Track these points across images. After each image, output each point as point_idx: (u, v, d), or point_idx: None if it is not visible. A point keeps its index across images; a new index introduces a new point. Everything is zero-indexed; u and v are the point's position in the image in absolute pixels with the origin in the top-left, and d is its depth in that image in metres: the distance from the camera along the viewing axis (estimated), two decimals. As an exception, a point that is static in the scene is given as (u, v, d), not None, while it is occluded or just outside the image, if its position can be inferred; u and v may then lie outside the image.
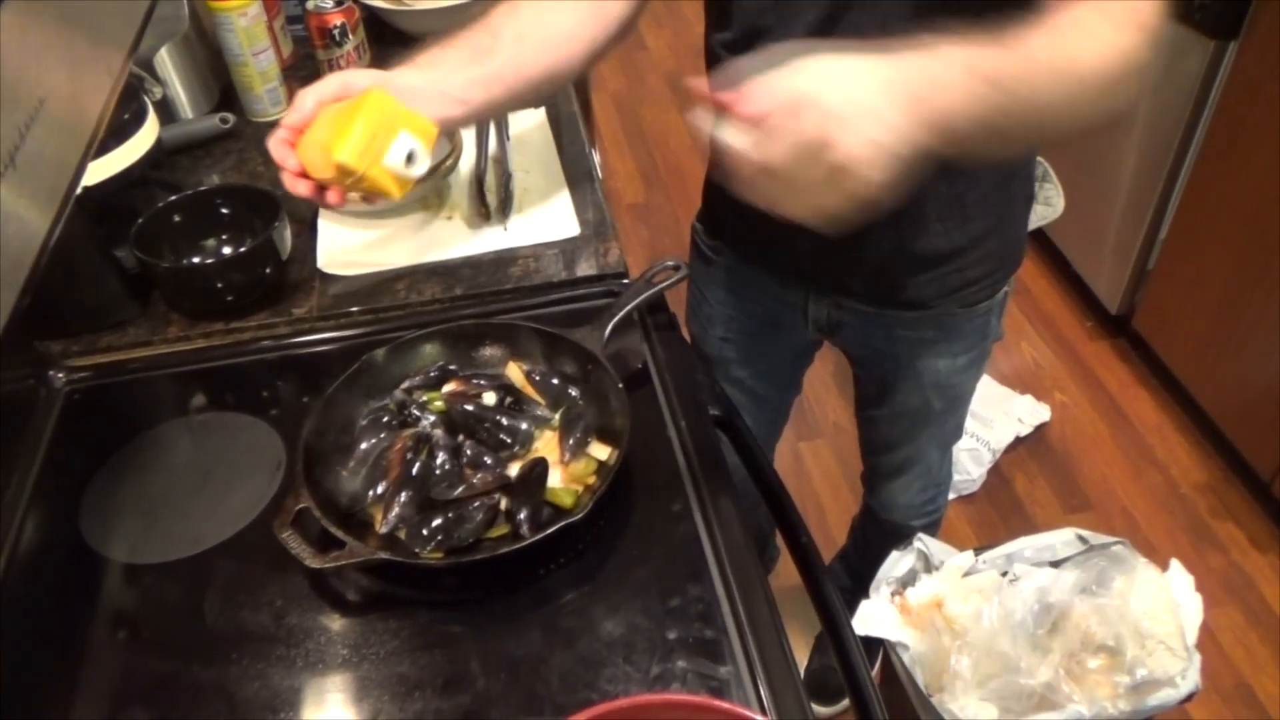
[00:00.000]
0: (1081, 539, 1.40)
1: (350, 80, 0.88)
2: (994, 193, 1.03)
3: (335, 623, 0.81)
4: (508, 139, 1.31)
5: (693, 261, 1.30)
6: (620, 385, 0.90)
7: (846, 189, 0.60)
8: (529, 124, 1.37)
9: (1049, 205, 1.18)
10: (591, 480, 0.87)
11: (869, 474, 1.47)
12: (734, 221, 1.18)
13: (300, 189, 0.89)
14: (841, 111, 0.58)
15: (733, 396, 1.32)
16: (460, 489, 0.85)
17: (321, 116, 0.88)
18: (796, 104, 0.58)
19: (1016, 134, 0.72)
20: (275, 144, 0.89)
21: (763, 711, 0.73)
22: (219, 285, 1.07)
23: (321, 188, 0.89)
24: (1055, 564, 1.38)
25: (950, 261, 1.07)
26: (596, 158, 1.46)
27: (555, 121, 1.38)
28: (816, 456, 2.17)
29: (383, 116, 0.84)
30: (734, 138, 0.60)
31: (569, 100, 1.43)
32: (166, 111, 1.36)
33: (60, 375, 1.04)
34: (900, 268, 1.07)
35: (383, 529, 0.83)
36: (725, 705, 0.59)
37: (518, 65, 0.93)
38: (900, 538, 1.41)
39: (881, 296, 1.12)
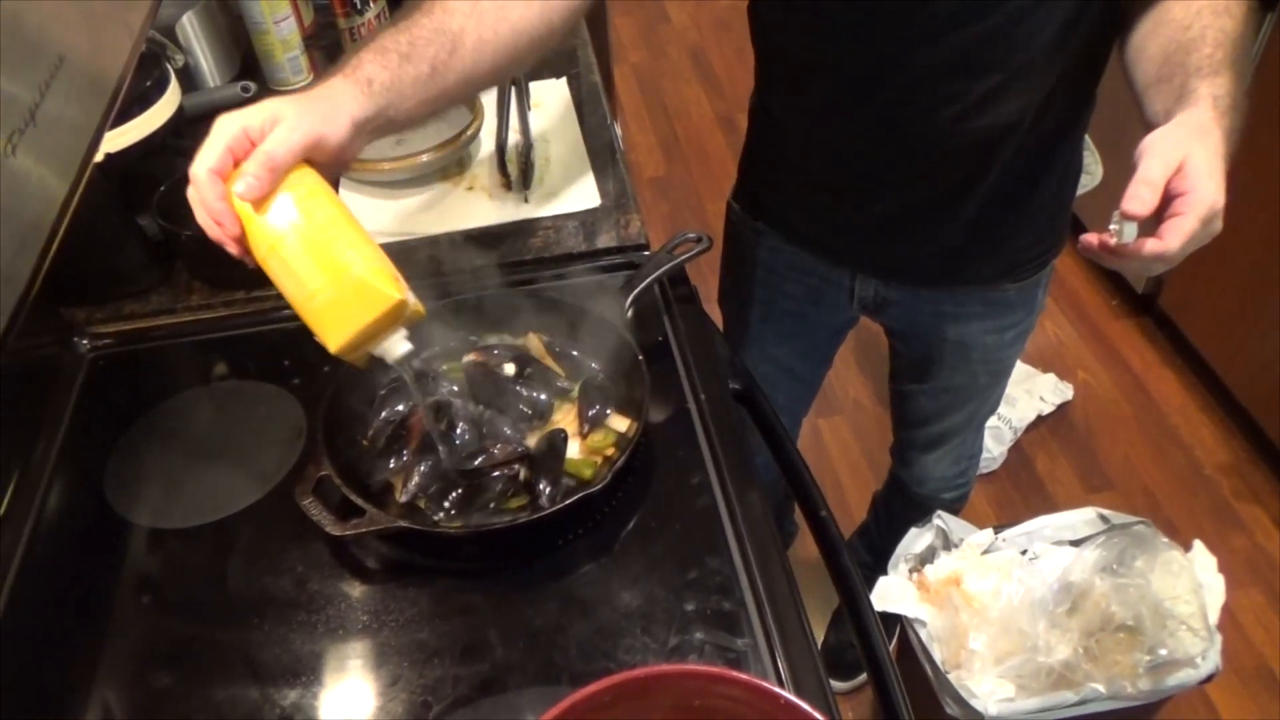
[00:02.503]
0: (1103, 518, 1.39)
1: (280, 113, 0.71)
2: (1050, 168, 1.03)
3: (355, 590, 0.81)
4: (529, 109, 1.30)
5: (728, 240, 1.29)
6: (640, 357, 0.89)
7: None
8: (551, 95, 1.36)
9: (1088, 174, 1.17)
10: (610, 452, 0.87)
11: (902, 447, 1.46)
12: (780, 203, 1.17)
13: (231, 248, 0.73)
14: (1221, 201, 0.71)
15: (766, 374, 1.32)
16: (480, 459, 0.86)
17: (294, 196, 0.70)
18: (1213, 214, 0.70)
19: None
20: (215, 202, 0.70)
21: (780, 684, 0.73)
22: (241, 254, 1.07)
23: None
24: (1076, 543, 1.37)
25: (1009, 241, 1.08)
26: (618, 130, 1.45)
27: (577, 93, 1.36)
28: (835, 433, 2.16)
29: (391, 315, 0.72)
30: (1153, 244, 0.71)
31: (591, 71, 1.42)
32: (188, 79, 1.36)
33: (85, 342, 1.05)
34: (961, 249, 1.07)
35: (402, 498, 0.84)
36: (743, 677, 0.58)
37: (470, 78, 0.83)
38: (927, 511, 1.41)
39: (936, 277, 1.12)
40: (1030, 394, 2.15)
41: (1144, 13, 0.84)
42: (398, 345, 0.76)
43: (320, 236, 0.71)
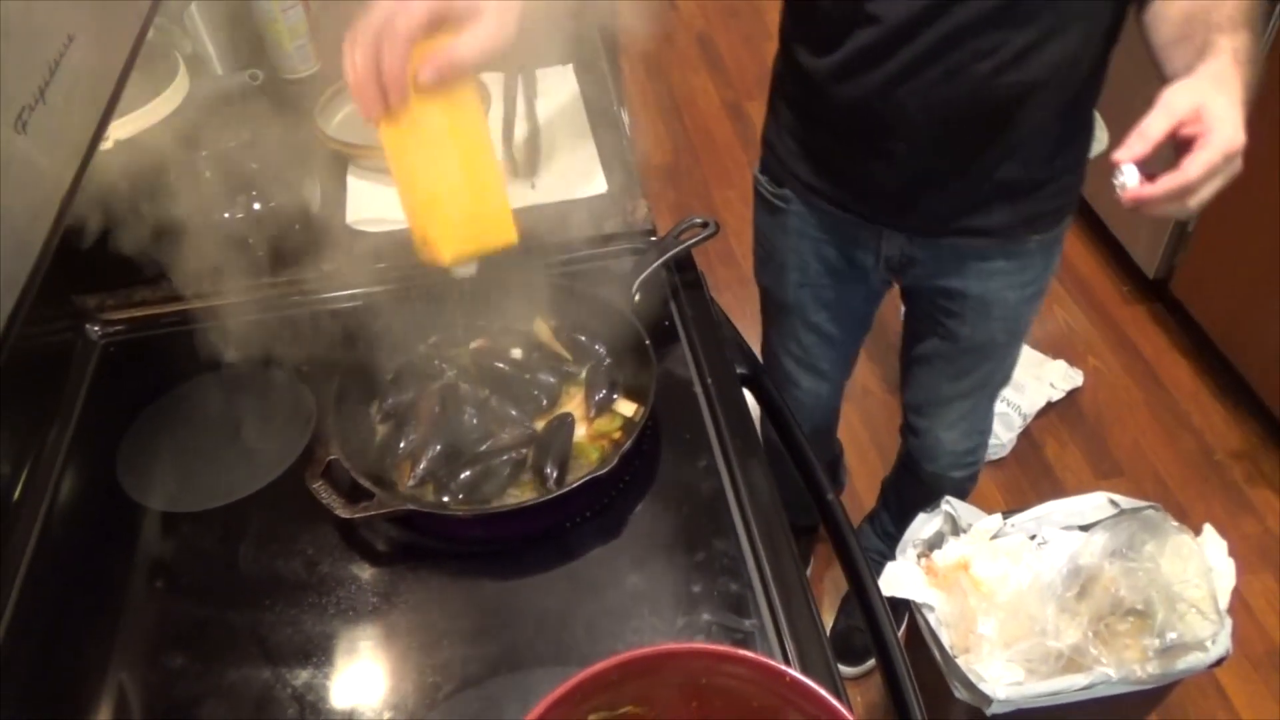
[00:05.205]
0: (1113, 503, 1.39)
1: (480, 8, 0.67)
2: (1072, 125, 1.07)
3: (365, 572, 0.82)
4: (536, 96, 1.30)
5: (758, 213, 1.33)
6: (647, 342, 0.90)
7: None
8: (558, 82, 1.36)
9: (1095, 140, 1.20)
10: (617, 436, 0.87)
11: (913, 416, 1.47)
12: (806, 167, 1.19)
13: (373, 103, 0.68)
14: (1241, 140, 0.75)
15: (807, 341, 1.38)
16: (487, 443, 0.86)
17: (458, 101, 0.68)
18: (1233, 151, 0.74)
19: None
20: (397, 60, 0.65)
21: (787, 664, 0.73)
22: (249, 240, 1.08)
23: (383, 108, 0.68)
24: (1085, 528, 1.37)
25: (1029, 193, 1.11)
26: (625, 117, 1.45)
27: (584, 80, 1.36)
28: (844, 421, 2.14)
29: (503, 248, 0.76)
30: (1170, 177, 0.75)
31: (598, 58, 1.41)
32: (196, 67, 1.36)
33: (96, 328, 1.06)
34: (982, 197, 1.10)
35: (411, 481, 0.84)
36: (749, 655, 0.59)
37: None
38: (937, 493, 1.41)
39: (957, 226, 1.14)
40: (1040, 380, 2.14)
41: None
42: (472, 266, 0.81)
43: (477, 153, 0.72)
